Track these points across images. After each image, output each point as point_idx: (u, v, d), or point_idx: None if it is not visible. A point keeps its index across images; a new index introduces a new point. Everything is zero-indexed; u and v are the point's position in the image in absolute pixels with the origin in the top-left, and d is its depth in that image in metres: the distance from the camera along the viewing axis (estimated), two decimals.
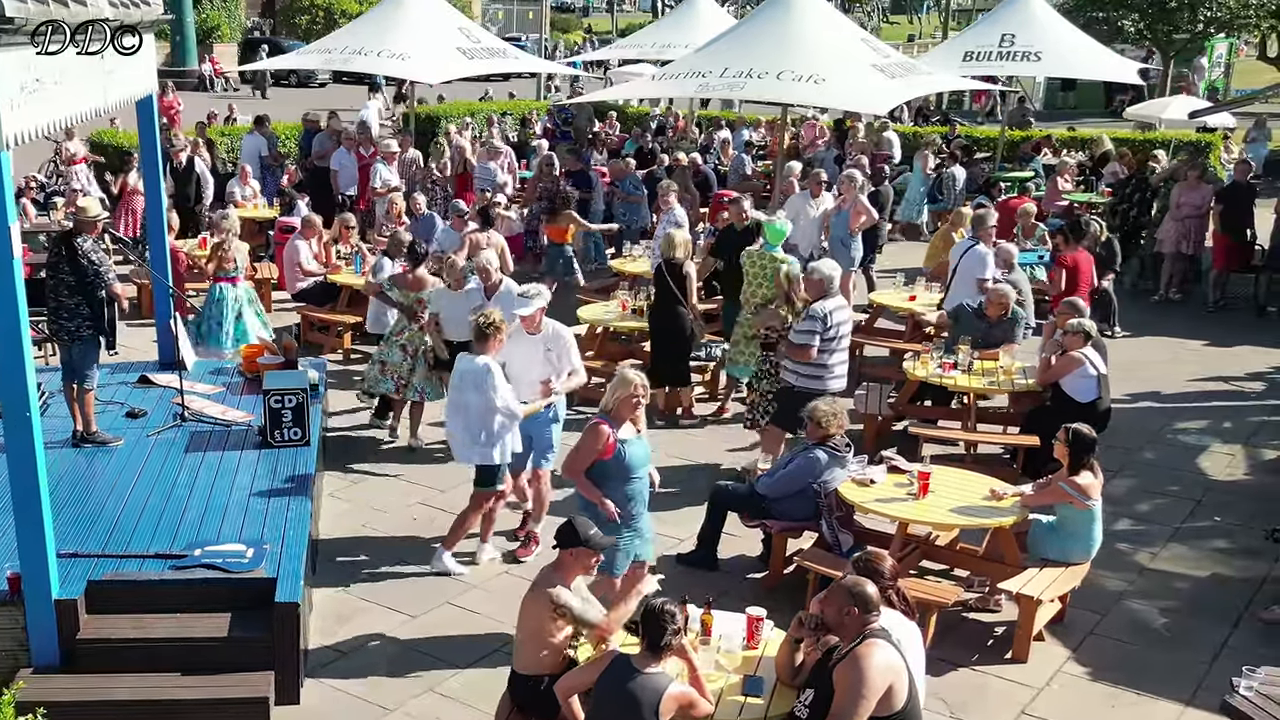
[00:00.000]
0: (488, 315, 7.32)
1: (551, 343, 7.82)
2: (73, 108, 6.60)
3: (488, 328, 7.22)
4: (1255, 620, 7.22)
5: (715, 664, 5.29)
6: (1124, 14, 29.33)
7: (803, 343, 8.47)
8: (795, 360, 8.56)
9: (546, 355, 7.78)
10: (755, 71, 13.36)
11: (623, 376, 6.44)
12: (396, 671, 6.53)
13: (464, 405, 7.24)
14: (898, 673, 4.60)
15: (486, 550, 7.78)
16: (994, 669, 6.69)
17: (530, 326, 7.78)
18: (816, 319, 8.49)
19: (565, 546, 5.27)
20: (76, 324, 8.02)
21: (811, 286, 8.71)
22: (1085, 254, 11.60)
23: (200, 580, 6.37)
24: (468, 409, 7.22)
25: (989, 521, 6.97)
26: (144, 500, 7.33)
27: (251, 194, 16.07)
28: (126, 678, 6.00)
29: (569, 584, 5.27)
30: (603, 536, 5.41)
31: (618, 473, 6.35)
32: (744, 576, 7.69)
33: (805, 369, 8.53)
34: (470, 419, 7.23)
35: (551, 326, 7.88)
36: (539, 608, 5.18)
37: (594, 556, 5.32)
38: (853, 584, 4.75)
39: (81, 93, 6.75)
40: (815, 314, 8.52)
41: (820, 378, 8.53)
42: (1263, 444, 10.16)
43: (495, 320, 7.28)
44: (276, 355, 9.66)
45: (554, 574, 5.28)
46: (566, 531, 5.30)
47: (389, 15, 17.46)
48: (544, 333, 7.82)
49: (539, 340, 7.79)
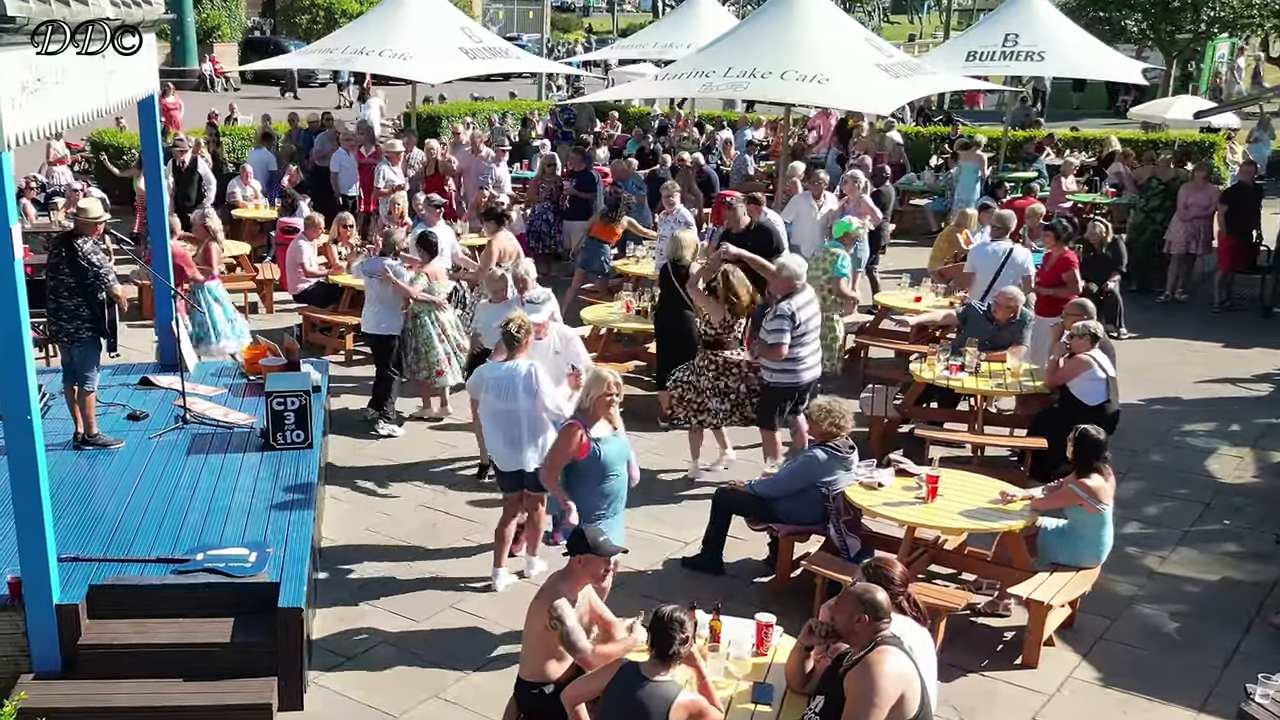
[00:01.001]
0: (517, 320, 7.26)
1: (560, 345, 7.89)
2: (74, 108, 6.54)
3: (519, 331, 7.15)
4: (1266, 625, 7.15)
5: (725, 671, 5.23)
6: (1127, 14, 29.27)
7: (775, 341, 8.53)
8: (769, 359, 8.61)
9: (555, 359, 7.84)
10: (759, 71, 13.32)
11: (597, 375, 6.47)
12: (401, 677, 6.47)
13: (507, 413, 7.06)
14: (909, 681, 4.54)
15: (537, 563, 7.53)
16: (1004, 675, 6.63)
17: (539, 332, 7.79)
18: (785, 317, 8.52)
19: (575, 553, 5.22)
20: (76, 325, 7.96)
21: (780, 283, 8.71)
22: (1073, 255, 11.55)
23: (203, 585, 6.31)
24: (514, 416, 7.05)
25: (998, 525, 6.90)
26: (145, 503, 7.28)
27: (252, 194, 16.01)
28: (128, 684, 5.95)
29: (576, 593, 5.20)
30: (612, 544, 5.34)
31: (594, 471, 6.35)
32: (750, 580, 7.62)
33: (777, 365, 8.62)
34: (519, 424, 7.06)
35: (557, 329, 7.96)
36: (544, 616, 5.11)
37: (604, 565, 5.25)
38: (863, 591, 4.69)
39: (83, 93, 6.70)
40: (784, 312, 8.55)
41: (794, 371, 8.63)
42: (1271, 446, 10.09)
43: (525, 323, 7.25)
44: (279, 357, 9.61)
45: (561, 582, 5.21)
46: (576, 538, 5.24)
47: (390, 15, 17.42)
48: (551, 336, 7.88)
49: (547, 344, 7.84)
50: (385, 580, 7.53)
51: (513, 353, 7.12)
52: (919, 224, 18.71)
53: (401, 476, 9.12)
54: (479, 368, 7.57)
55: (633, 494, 7.25)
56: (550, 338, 7.98)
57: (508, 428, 7.08)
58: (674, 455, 9.39)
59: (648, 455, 9.25)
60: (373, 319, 9.84)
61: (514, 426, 7.06)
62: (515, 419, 7.05)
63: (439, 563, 7.74)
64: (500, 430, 7.13)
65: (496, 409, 7.12)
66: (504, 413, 7.07)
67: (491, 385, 7.13)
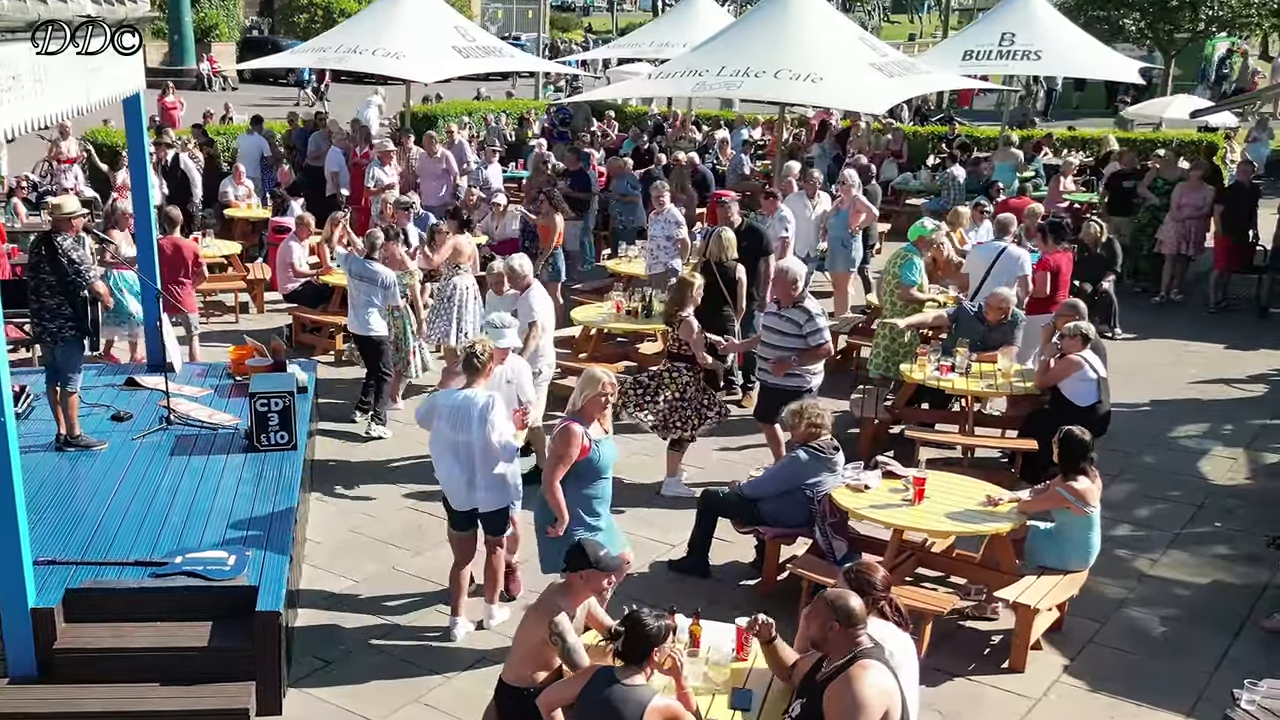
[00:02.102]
0: (479, 344, 6.68)
1: (512, 374, 7.54)
2: (53, 106, 6.47)
3: (482, 355, 6.55)
4: (1257, 628, 7.09)
5: (703, 676, 5.17)
6: (1125, 13, 29.18)
7: (822, 341, 8.53)
8: (813, 362, 8.58)
9: (507, 387, 7.40)
10: (752, 70, 13.27)
11: (591, 375, 6.31)
12: (382, 681, 6.40)
13: (464, 445, 6.47)
14: (892, 695, 4.44)
15: (498, 613, 6.98)
16: (990, 679, 6.56)
17: (499, 358, 7.24)
18: (818, 315, 8.53)
19: (575, 569, 5.11)
20: (59, 325, 7.88)
21: (785, 288, 8.59)
22: (1067, 255, 11.47)
23: (180, 588, 6.25)
24: (469, 449, 6.46)
25: (985, 528, 6.83)
26: (126, 505, 7.21)
27: (245, 193, 15.95)
28: (103, 688, 5.89)
29: (575, 607, 5.13)
30: (612, 558, 5.21)
31: (588, 474, 6.25)
32: (737, 584, 7.56)
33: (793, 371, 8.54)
34: (473, 458, 6.48)
35: (512, 359, 7.58)
36: (542, 628, 5.02)
37: (605, 578, 5.15)
38: (835, 597, 4.59)
39: (63, 91, 6.62)
40: (815, 310, 8.55)
41: (801, 375, 8.57)
42: (1265, 448, 10.02)
43: (489, 349, 6.66)
44: (265, 357, 9.54)
45: (561, 596, 5.11)
46: (576, 554, 5.14)
47: (384, 14, 17.38)
48: (507, 364, 7.44)
49: (501, 372, 7.29)
50: (368, 583, 7.47)
51: (472, 379, 6.53)
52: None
53: (388, 478, 9.05)
54: (433, 394, 7.02)
55: (620, 497, 7.22)
56: (506, 366, 7.48)
57: (465, 461, 6.49)
58: (662, 458, 9.31)
59: (636, 458, 9.20)
60: (362, 321, 9.74)
61: (469, 460, 6.47)
62: (470, 452, 6.45)
63: (423, 565, 7.67)
64: (455, 464, 6.53)
65: (451, 440, 6.50)
66: (460, 445, 6.47)
67: (447, 414, 6.50)
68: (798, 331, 8.45)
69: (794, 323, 8.46)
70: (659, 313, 10.75)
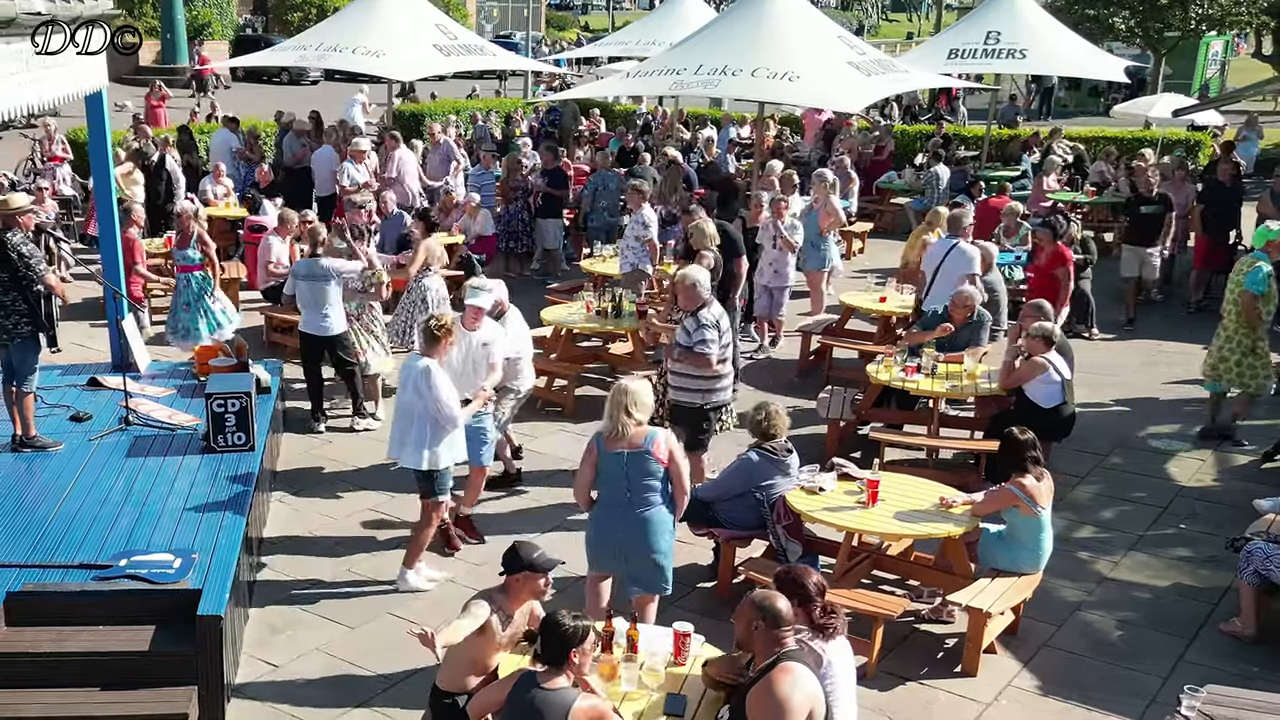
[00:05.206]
0: (439, 317, 7.23)
1: (488, 338, 7.87)
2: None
3: (438, 329, 7.10)
4: (1215, 632, 7.03)
5: (639, 681, 5.11)
6: (1115, 11, 29.08)
7: (704, 352, 7.89)
8: (699, 369, 7.96)
9: (482, 349, 7.82)
10: (729, 69, 13.23)
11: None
12: (328, 685, 6.35)
13: (405, 405, 7.12)
14: (816, 699, 4.39)
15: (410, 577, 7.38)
16: (943, 683, 6.51)
17: (470, 322, 7.80)
18: (709, 325, 7.92)
19: (512, 572, 5.06)
20: (15, 321, 7.80)
21: (685, 293, 8.04)
22: (1068, 251, 11.45)
23: (123, 591, 6.19)
24: (406, 408, 7.10)
25: (937, 530, 6.77)
26: (77, 507, 7.16)
27: (224, 192, 15.90)
28: (43, 693, 5.83)
29: (514, 609, 5.09)
30: (548, 558, 5.14)
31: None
32: (695, 586, 7.51)
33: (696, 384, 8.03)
34: (410, 420, 7.11)
35: (489, 325, 7.94)
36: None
37: (542, 578, 5.09)
38: (761, 598, 4.55)
39: (6, 91, 6.59)
40: (707, 320, 7.93)
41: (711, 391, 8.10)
42: (1233, 449, 9.94)
43: (446, 323, 7.19)
44: (229, 357, 9.50)
45: (501, 596, 5.05)
46: (510, 557, 5.08)
47: (365, 11, 17.30)
48: (481, 330, 7.84)
49: (476, 337, 7.81)
50: (324, 584, 7.42)
51: (429, 350, 7.10)
52: (901, 223, 18.58)
53: (350, 479, 9.00)
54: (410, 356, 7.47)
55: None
56: (481, 332, 7.86)
57: (402, 418, 7.16)
58: None
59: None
60: (318, 322, 9.65)
61: (406, 420, 7.11)
62: (407, 411, 7.10)
63: (378, 567, 7.62)
64: (397, 419, 7.23)
65: (400, 400, 7.21)
66: (400, 403, 7.17)
67: (402, 377, 7.21)
68: (687, 340, 7.99)
69: (685, 331, 8.02)
70: (629, 313, 10.72)
